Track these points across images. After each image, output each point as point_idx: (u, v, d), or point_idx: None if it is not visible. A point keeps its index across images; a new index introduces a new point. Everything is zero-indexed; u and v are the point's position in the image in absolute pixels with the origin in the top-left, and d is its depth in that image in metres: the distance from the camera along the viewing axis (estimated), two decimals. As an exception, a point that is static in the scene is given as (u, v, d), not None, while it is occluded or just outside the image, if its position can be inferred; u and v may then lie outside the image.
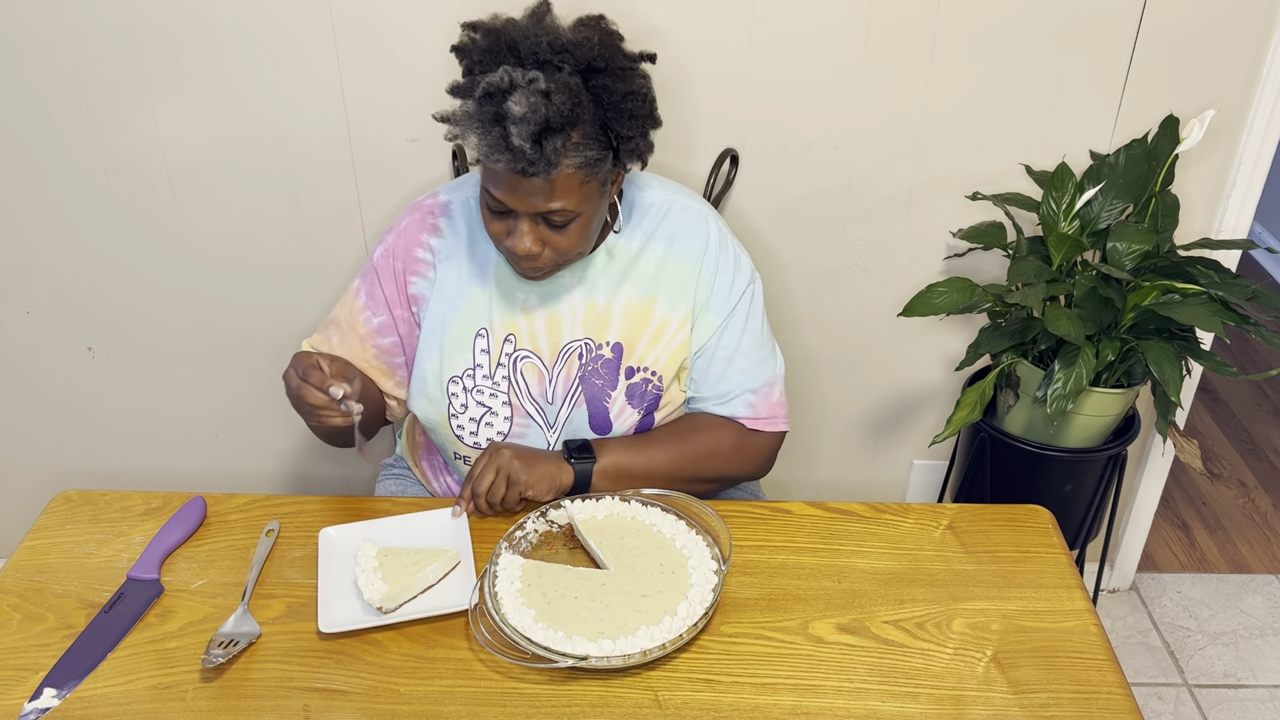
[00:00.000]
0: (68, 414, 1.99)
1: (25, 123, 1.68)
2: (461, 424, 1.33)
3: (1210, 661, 2.05)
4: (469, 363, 1.32)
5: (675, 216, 1.32)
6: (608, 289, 1.31)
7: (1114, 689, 1.07)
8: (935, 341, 1.90)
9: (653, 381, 1.33)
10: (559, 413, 1.33)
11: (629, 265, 1.31)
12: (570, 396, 1.33)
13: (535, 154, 1.09)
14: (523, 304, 1.31)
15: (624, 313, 1.31)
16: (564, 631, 1.08)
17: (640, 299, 1.31)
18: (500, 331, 1.31)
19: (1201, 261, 1.58)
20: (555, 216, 1.16)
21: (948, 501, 1.98)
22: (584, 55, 1.13)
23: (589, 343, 1.32)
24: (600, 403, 1.33)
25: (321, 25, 1.60)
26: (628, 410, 1.34)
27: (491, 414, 1.33)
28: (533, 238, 1.18)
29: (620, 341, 1.32)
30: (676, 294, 1.32)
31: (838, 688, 1.07)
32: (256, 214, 1.77)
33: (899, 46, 1.62)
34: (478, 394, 1.32)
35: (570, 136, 1.12)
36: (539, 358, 1.32)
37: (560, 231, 1.18)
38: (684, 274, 1.31)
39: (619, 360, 1.32)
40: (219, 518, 1.29)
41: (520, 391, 1.32)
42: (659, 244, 1.32)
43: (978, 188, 1.72)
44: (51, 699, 1.05)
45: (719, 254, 1.32)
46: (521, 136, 1.08)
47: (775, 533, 1.27)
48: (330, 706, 1.05)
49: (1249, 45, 1.62)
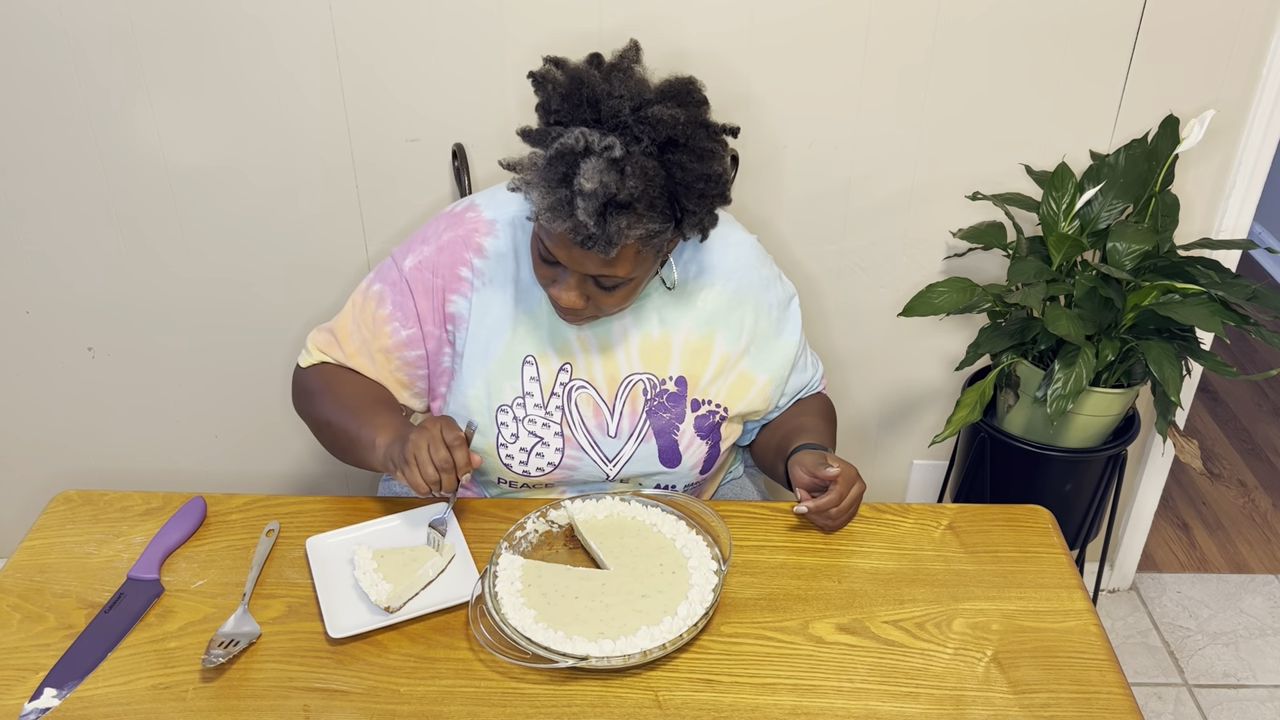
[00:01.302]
0: (68, 414, 1.99)
1: (25, 122, 1.68)
2: (511, 454, 1.29)
3: (1210, 661, 2.05)
4: (518, 391, 1.28)
5: (733, 252, 1.32)
6: (662, 321, 1.30)
7: (1114, 689, 1.07)
8: (935, 341, 1.90)
9: (719, 413, 1.33)
10: (622, 448, 1.31)
11: (685, 299, 1.30)
12: (638, 431, 1.31)
13: (598, 230, 1.07)
14: (576, 332, 1.29)
15: (684, 347, 1.31)
16: (564, 631, 1.08)
17: (700, 335, 1.31)
18: (555, 360, 1.29)
19: (1201, 261, 1.58)
20: (606, 280, 1.16)
21: (948, 501, 1.98)
22: (665, 131, 1.09)
23: (652, 378, 1.30)
24: (670, 436, 1.31)
25: (321, 25, 1.60)
26: (697, 442, 1.33)
27: (543, 444, 1.29)
28: (579, 293, 1.17)
29: (684, 375, 1.31)
30: (735, 329, 1.32)
31: (838, 688, 1.07)
32: (256, 214, 1.77)
33: (899, 47, 1.63)
34: (529, 423, 1.29)
35: (635, 210, 1.09)
36: (595, 389, 1.30)
37: (608, 293, 1.18)
38: (741, 310, 1.32)
39: (684, 393, 1.31)
40: (219, 518, 1.29)
41: (574, 423, 1.30)
42: (715, 280, 1.31)
43: (978, 188, 1.72)
44: (51, 699, 1.05)
45: (770, 284, 1.34)
46: (587, 212, 1.06)
47: (775, 533, 1.27)
48: (330, 706, 1.05)
49: (1249, 45, 1.63)
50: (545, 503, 1.28)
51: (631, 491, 1.31)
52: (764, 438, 1.44)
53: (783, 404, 1.42)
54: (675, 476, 1.34)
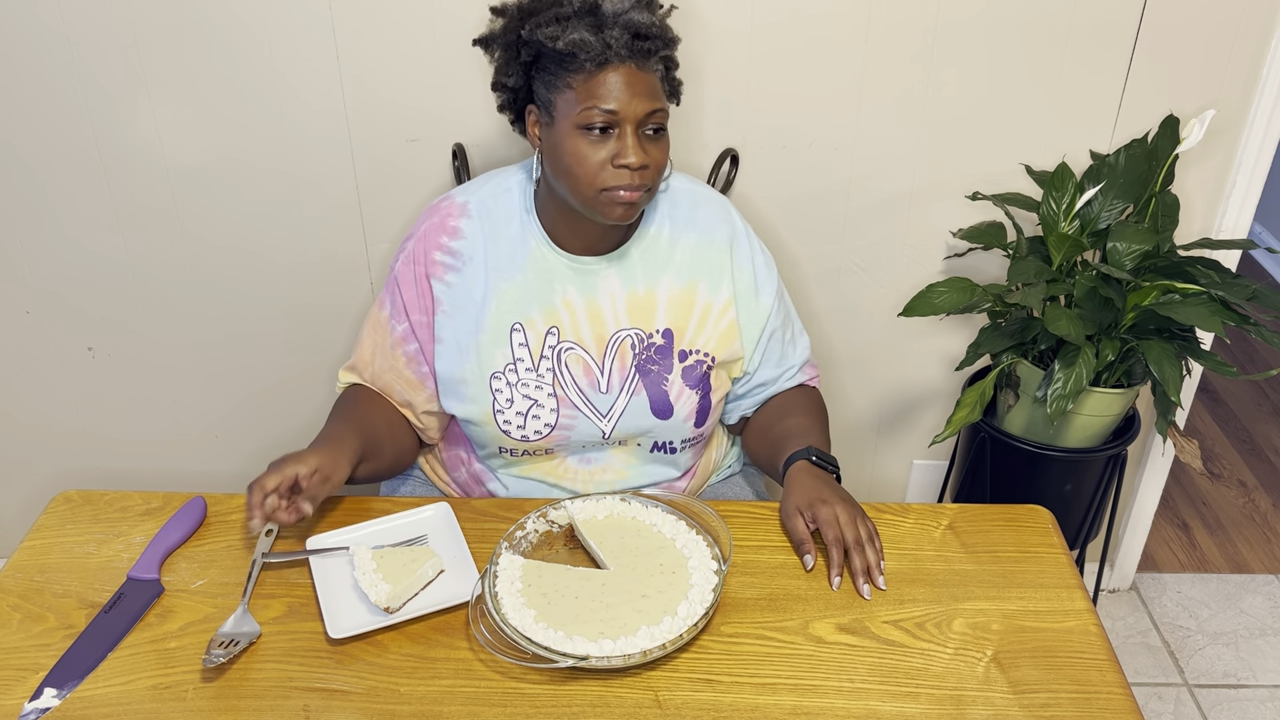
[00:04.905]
0: (68, 414, 1.99)
1: (25, 122, 1.68)
2: (508, 419, 1.34)
3: (1210, 661, 2.05)
4: (509, 358, 1.33)
5: (703, 206, 1.38)
6: (646, 278, 1.35)
7: (1114, 689, 1.07)
8: (935, 341, 1.90)
9: (706, 362, 1.37)
10: (614, 403, 1.35)
11: (665, 254, 1.35)
12: (627, 385, 1.35)
13: (644, 13, 1.20)
14: (561, 296, 1.33)
15: (668, 300, 1.35)
16: (564, 631, 1.08)
17: (682, 286, 1.36)
18: (541, 325, 1.33)
19: (1201, 261, 1.58)
20: (654, 120, 1.22)
21: (948, 501, 1.98)
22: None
23: (639, 332, 1.34)
24: (659, 387, 1.36)
25: (321, 25, 1.60)
26: (686, 392, 1.36)
27: (538, 406, 1.34)
28: (639, 149, 1.22)
29: (670, 328, 1.35)
30: (715, 279, 1.36)
31: (838, 688, 1.07)
32: (256, 214, 1.77)
33: (899, 46, 1.63)
34: (522, 388, 1.34)
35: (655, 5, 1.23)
36: (584, 349, 1.34)
37: (654, 143, 1.23)
38: (719, 260, 1.36)
39: (671, 345, 1.36)
40: (219, 518, 1.29)
41: (565, 383, 1.34)
42: (690, 233, 1.36)
43: (978, 188, 1.72)
44: (51, 699, 1.05)
45: (749, 240, 1.40)
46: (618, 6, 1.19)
47: (775, 533, 1.27)
48: (330, 706, 1.05)
49: (1249, 45, 1.62)
50: (545, 503, 1.28)
51: (631, 491, 1.32)
52: (755, 438, 1.46)
53: (785, 364, 1.44)
54: (671, 430, 1.38)
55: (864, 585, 1.17)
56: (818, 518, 1.21)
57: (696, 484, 1.50)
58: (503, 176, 1.37)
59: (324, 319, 1.87)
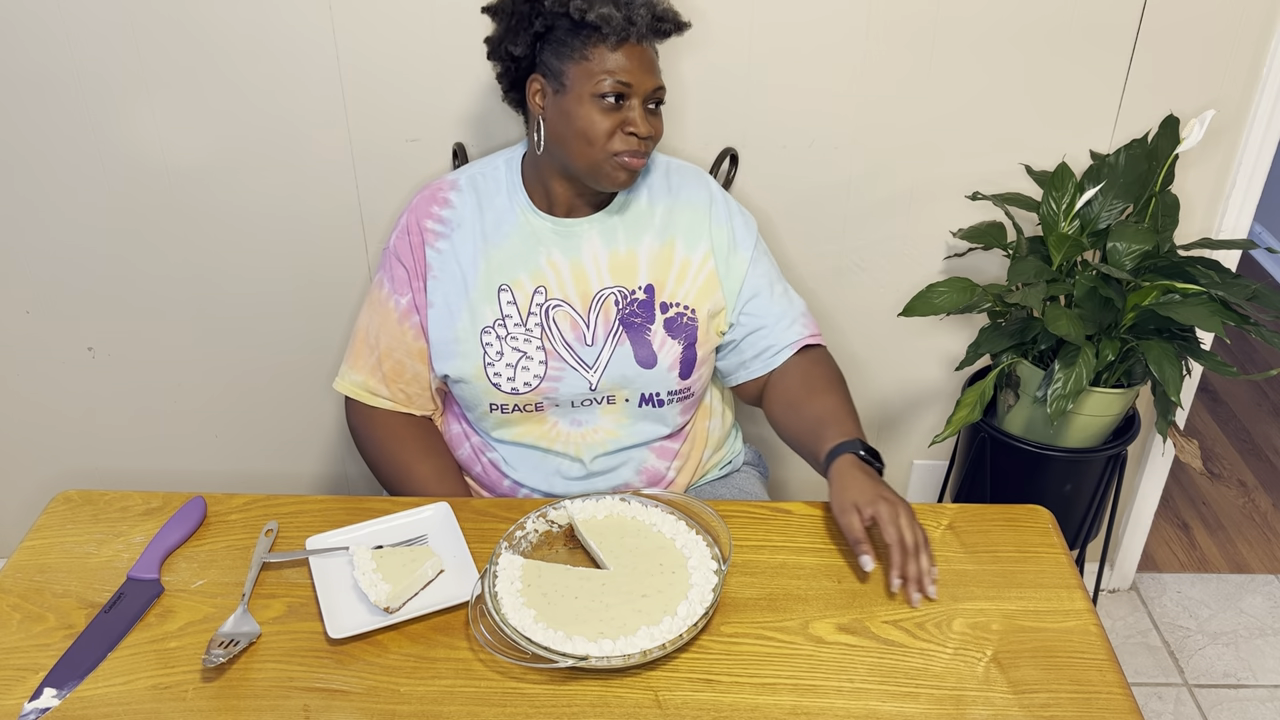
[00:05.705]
0: (68, 414, 1.99)
1: (25, 122, 1.68)
2: (498, 371, 1.39)
3: (1210, 661, 2.05)
4: (497, 314, 1.39)
5: (676, 173, 1.46)
6: (627, 239, 1.41)
7: (1114, 689, 1.07)
8: (935, 341, 1.90)
9: (686, 314, 1.42)
10: (599, 354, 1.40)
11: (642, 217, 1.42)
12: (612, 337, 1.40)
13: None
14: (547, 257, 1.39)
15: (648, 258, 1.41)
16: (564, 631, 1.08)
17: (660, 245, 1.42)
18: (529, 285, 1.39)
19: (1201, 261, 1.58)
20: (658, 95, 1.32)
21: (948, 501, 1.98)
22: None
23: (621, 289, 1.40)
24: (643, 336, 1.41)
25: (321, 25, 1.60)
26: (669, 343, 1.41)
27: (527, 358, 1.39)
28: (645, 120, 1.30)
29: (651, 283, 1.41)
30: (692, 236, 1.43)
31: (838, 688, 1.07)
32: (256, 214, 1.77)
33: (899, 46, 1.63)
34: (511, 341, 1.39)
35: None
36: (570, 305, 1.40)
37: (656, 116, 1.33)
38: (696, 219, 1.43)
39: (652, 299, 1.41)
40: (219, 518, 1.29)
41: (554, 337, 1.39)
42: (666, 197, 1.43)
43: (978, 188, 1.72)
44: (51, 699, 1.05)
45: (725, 201, 1.46)
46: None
47: (775, 533, 1.27)
48: (330, 706, 1.05)
49: (1249, 45, 1.62)
50: (545, 503, 1.28)
51: (632, 491, 1.32)
52: (782, 411, 1.43)
53: (776, 312, 1.46)
54: (656, 380, 1.41)
55: (915, 594, 1.16)
56: (879, 515, 1.18)
57: (695, 459, 1.51)
58: (489, 159, 1.45)
59: (324, 319, 1.87)
